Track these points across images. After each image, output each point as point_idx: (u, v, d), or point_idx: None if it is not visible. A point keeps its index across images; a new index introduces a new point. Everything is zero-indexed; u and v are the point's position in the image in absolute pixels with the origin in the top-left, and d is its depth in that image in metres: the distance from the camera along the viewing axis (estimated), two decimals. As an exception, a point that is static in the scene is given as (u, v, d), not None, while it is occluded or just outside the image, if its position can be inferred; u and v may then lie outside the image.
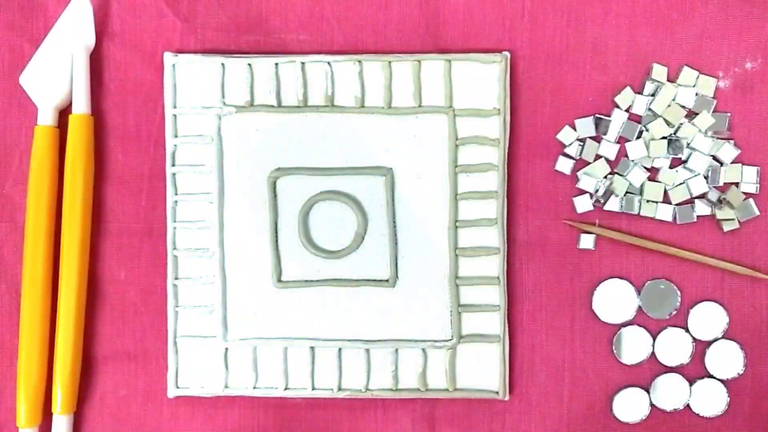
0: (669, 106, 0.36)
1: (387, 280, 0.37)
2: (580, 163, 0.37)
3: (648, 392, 0.37)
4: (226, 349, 0.37)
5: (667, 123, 0.36)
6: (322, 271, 0.37)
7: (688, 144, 0.36)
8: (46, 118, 0.37)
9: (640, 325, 0.37)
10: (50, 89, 0.37)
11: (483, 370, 0.37)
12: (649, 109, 0.37)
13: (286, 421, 0.38)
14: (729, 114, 0.37)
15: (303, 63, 0.37)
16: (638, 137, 0.37)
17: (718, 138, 0.36)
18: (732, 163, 0.37)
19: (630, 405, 0.37)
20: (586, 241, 0.37)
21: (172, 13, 0.38)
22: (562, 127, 0.37)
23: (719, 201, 0.36)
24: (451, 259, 0.37)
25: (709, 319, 0.37)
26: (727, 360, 0.37)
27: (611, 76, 0.37)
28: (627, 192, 0.37)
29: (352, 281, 0.37)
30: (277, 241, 0.37)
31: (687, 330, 0.37)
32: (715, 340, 0.37)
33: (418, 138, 0.37)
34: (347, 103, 0.37)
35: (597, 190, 0.37)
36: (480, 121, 0.36)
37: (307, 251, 0.37)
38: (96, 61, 0.38)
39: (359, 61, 0.37)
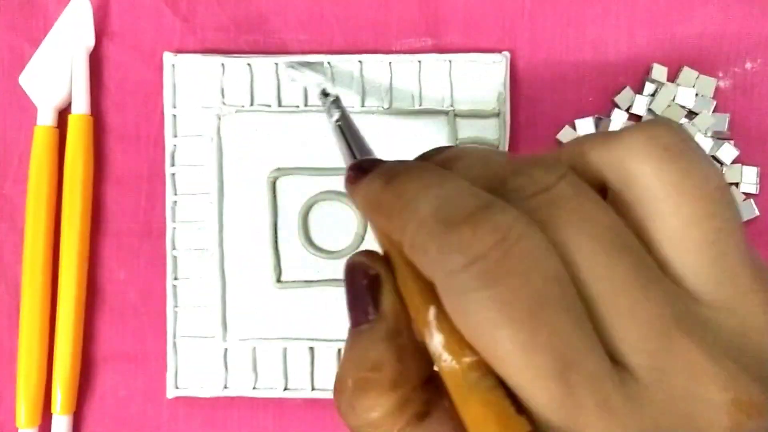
0: (669, 106, 0.36)
1: (387, 281, 0.37)
2: (580, 163, 0.37)
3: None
4: (226, 349, 0.37)
5: (667, 123, 0.36)
6: (322, 271, 0.37)
7: (688, 144, 0.36)
8: (46, 118, 0.37)
9: (640, 326, 0.37)
10: (50, 89, 0.37)
11: (483, 371, 0.37)
12: (649, 110, 0.37)
13: (286, 421, 0.38)
14: (729, 114, 0.37)
15: (303, 63, 0.37)
16: (638, 137, 0.36)
17: (718, 138, 0.36)
18: (732, 163, 0.36)
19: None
20: (586, 242, 0.37)
21: (171, 13, 0.38)
22: (562, 127, 0.37)
23: (719, 201, 0.36)
24: (451, 259, 0.37)
25: (709, 319, 0.37)
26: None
27: (611, 76, 0.37)
28: (627, 192, 0.37)
29: (352, 281, 0.37)
30: (276, 241, 0.37)
31: (687, 330, 0.37)
32: (715, 340, 0.37)
33: (419, 138, 0.37)
34: (347, 103, 0.37)
35: (597, 190, 0.37)
36: (480, 121, 0.36)
37: (307, 251, 0.37)
38: (96, 61, 0.38)
39: (359, 61, 0.37)
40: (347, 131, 0.27)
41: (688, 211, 0.15)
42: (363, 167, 0.19)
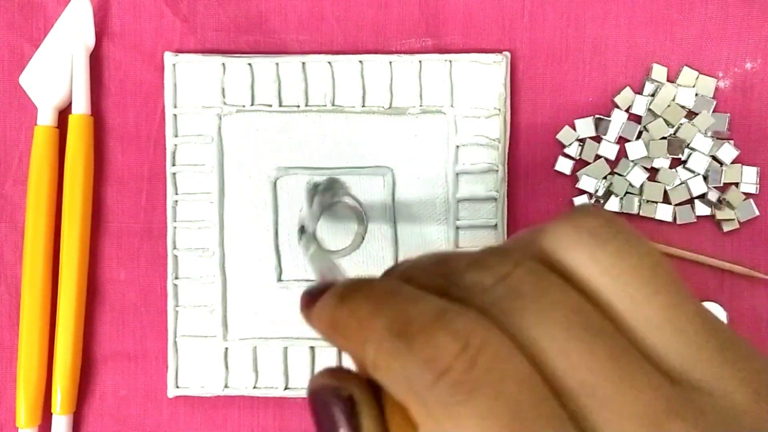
0: (669, 106, 0.36)
1: (387, 280, 0.37)
2: (580, 163, 0.37)
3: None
4: (226, 348, 0.37)
5: (667, 123, 0.36)
6: (322, 271, 0.37)
7: (688, 144, 0.36)
8: (46, 118, 0.37)
9: (640, 325, 0.37)
10: (50, 89, 0.37)
11: (483, 370, 0.37)
12: (649, 110, 0.37)
13: (286, 421, 0.38)
14: (729, 114, 0.37)
15: (303, 63, 0.37)
16: (638, 137, 0.37)
17: (718, 138, 0.37)
18: (732, 163, 0.37)
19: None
20: (586, 241, 0.37)
21: (172, 13, 0.38)
22: (562, 127, 0.37)
23: (719, 201, 0.36)
24: (451, 259, 0.37)
25: (709, 319, 0.37)
26: (727, 360, 0.37)
27: (611, 76, 0.37)
28: (627, 192, 0.37)
29: (352, 281, 0.37)
30: (277, 240, 0.37)
31: (687, 330, 0.37)
32: (715, 340, 0.37)
33: (419, 138, 0.37)
34: (348, 103, 0.37)
35: (597, 190, 0.37)
36: (480, 121, 0.36)
37: (307, 251, 0.37)
38: (96, 61, 0.38)
39: (360, 61, 0.37)
40: (321, 263, 0.26)
41: (633, 292, 0.14)
42: (315, 292, 0.17)
